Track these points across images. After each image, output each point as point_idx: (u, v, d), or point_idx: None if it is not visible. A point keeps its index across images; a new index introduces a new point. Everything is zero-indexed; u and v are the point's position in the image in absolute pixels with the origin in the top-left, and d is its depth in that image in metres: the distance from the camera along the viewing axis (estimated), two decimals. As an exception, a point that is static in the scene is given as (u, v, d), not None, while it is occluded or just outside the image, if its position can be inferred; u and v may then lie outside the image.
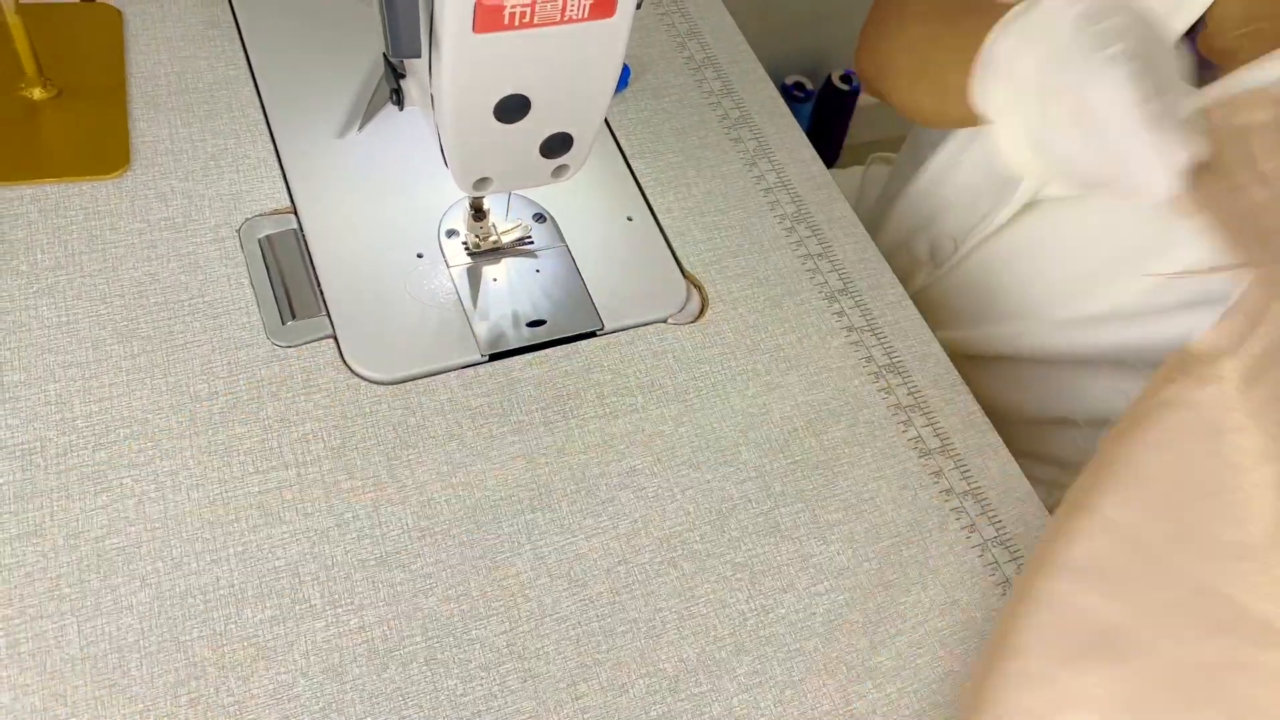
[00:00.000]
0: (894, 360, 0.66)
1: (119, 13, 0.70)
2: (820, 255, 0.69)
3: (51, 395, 0.54)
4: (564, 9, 0.46)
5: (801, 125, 1.94)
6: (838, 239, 0.71)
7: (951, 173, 0.77)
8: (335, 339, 0.59)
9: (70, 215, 0.60)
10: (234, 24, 0.72)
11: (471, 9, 0.44)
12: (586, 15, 0.47)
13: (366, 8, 0.74)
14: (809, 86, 1.88)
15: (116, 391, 0.55)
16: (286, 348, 0.58)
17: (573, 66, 0.50)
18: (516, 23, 0.46)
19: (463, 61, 0.47)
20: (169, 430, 0.54)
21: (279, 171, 0.65)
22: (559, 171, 0.57)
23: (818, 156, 0.75)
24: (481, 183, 0.56)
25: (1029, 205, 0.71)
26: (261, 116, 0.67)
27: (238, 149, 0.65)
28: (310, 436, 0.55)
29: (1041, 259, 0.73)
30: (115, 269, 0.59)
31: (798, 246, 0.70)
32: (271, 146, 0.66)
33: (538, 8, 0.46)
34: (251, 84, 0.69)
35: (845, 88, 1.85)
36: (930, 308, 0.75)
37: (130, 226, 0.61)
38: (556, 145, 0.54)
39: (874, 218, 0.88)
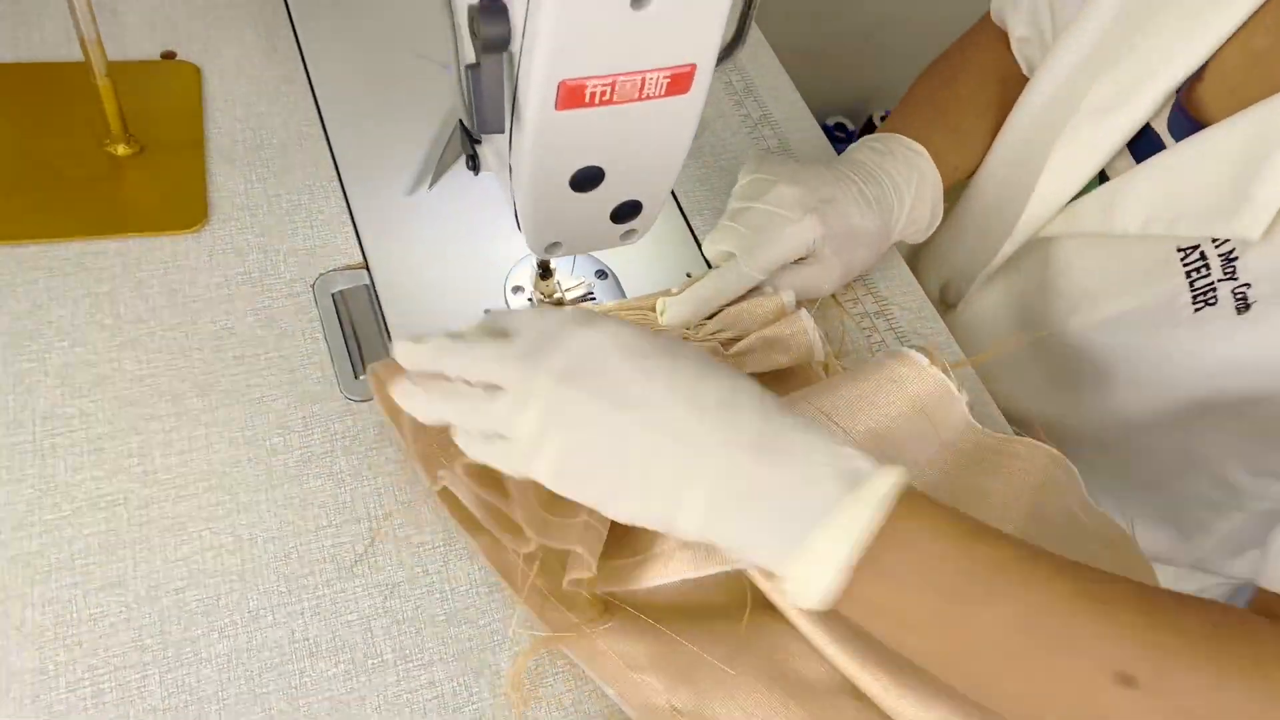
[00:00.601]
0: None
1: (198, 69, 0.73)
2: (878, 314, 0.70)
3: (134, 447, 0.56)
4: (642, 87, 0.48)
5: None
6: (895, 295, 0.71)
7: (966, 208, 0.79)
8: (405, 394, 0.60)
9: (152, 269, 0.63)
10: (307, 81, 0.74)
11: (555, 88, 0.46)
12: (664, 92, 0.49)
13: (439, 67, 0.76)
14: (850, 127, 1.89)
15: (196, 445, 0.57)
16: (359, 401, 0.60)
17: (647, 139, 0.51)
18: (597, 100, 0.47)
19: (544, 137, 0.48)
20: (246, 483, 0.56)
21: (351, 227, 0.67)
22: (627, 235, 0.58)
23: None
24: (552, 246, 0.57)
25: (1032, 242, 0.73)
26: (334, 173, 0.69)
27: (311, 204, 0.67)
28: (382, 490, 0.57)
29: (1049, 288, 0.74)
30: (194, 322, 0.61)
31: (854, 305, 0.70)
32: (344, 202, 0.68)
33: (618, 86, 0.47)
34: (324, 140, 0.71)
35: (887, 128, 1.86)
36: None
37: (209, 280, 0.63)
38: (626, 211, 0.56)
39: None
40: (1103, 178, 0.69)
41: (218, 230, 0.65)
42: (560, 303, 0.65)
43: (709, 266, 0.69)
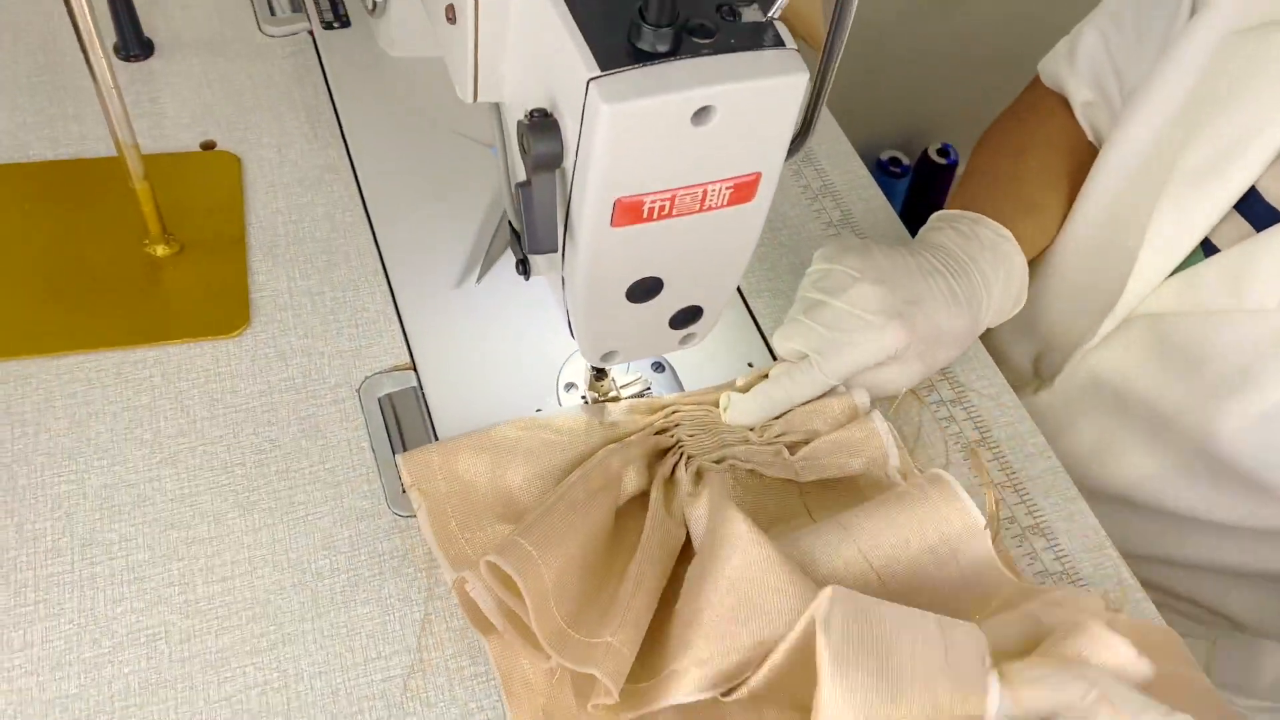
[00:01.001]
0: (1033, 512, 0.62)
1: (238, 159, 0.71)
2: (955, 401, 0.66)
3: (175, 575, 0.53)
4: (704, 199, 0.44)
5: (897, 201, 1.90)
6: (972, 380, 0.67)
7: (1050, 278, 0.74)
8: (456, 507, 0.57)
9: (192, 378, 0.60)
10: (350, 166, 0.72)
11: (611, 206, 0.43)
12: (727, 203, 0.45)
13: (483, 146, 0.73)
14: (905, 161, 1.84)
15: (238, 570, 0.54)
16: (408, 517, 0.57)
17: (709, 247, 0.48)
18: (655, 215, 0.44)
19: (599, 253, 0.45)
20: (291, 612, 0.53)
21: (398, 324, 0.64)
22: (686, 339, 0.55)
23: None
24: (609, 355, 0.54)
25: (1133, 318, 0.68)
26: (379, 265, 0.67)
27: (356, 300, 0.65)
28: (433, 617, 0.54)
29: (1166, 365, 0.69)
30: (236, 434, 0.58)
31: (928, 392, 0.66)
32: (390, 297, 0.65)
33: (677, 200, 0.44)
34: (369, 229, 0.68)
35: (942, 161, 1.81)
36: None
37: (250, 389, 0.60)
38: (686, 317, 0.52)
39: None
40: (1206, 243, 0.65)
41: (260, 333, 0.63)
42: (616, 399, 0.62)
43: (773, 357, 0.65)
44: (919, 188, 1.85)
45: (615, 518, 0.55)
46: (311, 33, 0.79)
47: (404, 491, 0.57)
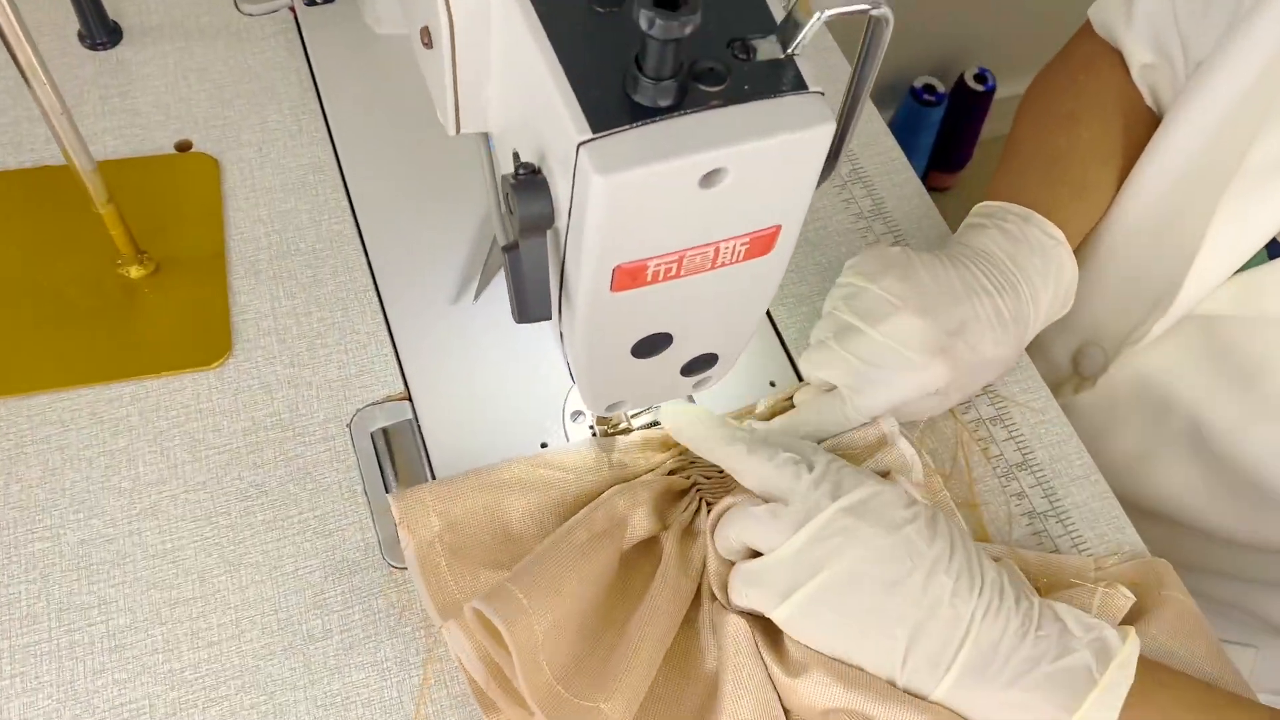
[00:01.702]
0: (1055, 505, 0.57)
1: (216, 161, 0.65)
2: (995, 420, 0.61)
3: (159, 641, 0.50)
4: (715, 258, 0.39)
5: (932, 131, 1.79)
6: (1015, 393, 0.62)
7: (1099, 267, 0.68)
8: (456, 556, 0.53)
9: (172, 416, 0.56)
10: (337, 166, 0.66)
11: (610, 274, 0.38)
12: (742, 259, 0.40)
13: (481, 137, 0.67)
14: (940, 89, 1.74)
15: (225, 634, 0.51)
16: (404, 569, 0.53)
17: (723, 300, 0.43)
18: (661, 277, 0.39)
19: (598, 316, 0.40)
20: (282, 680, 0.50)
21: (390, 347, 0.59)
22: (700, 384, 0.50)
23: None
24: (615, 405, 0.49)
25: (1189, 318, 0.63)
26: (369, 280, 0.62)
27: (345, 322, 0.60)
28: (432, 681, 0.50)
29: (1204, 383, 0.64)
30: (220, 480, 0.55)
31: (965, 410, 0.61)
32: (381, 316, 0.60)
33: (686, 261, 0.38)
34: (357, 238, 0.63)
35: (980, 88, 1.72)
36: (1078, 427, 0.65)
37: (234, 427, 0.56)
38: (699, 365, 0.47)
39: None
40: (1273, 244, 0.59)
41: (243, 362, 0.58)
42: (627, 431, 0.57)
43: (798, 376, 0.60)
44: (955, 116, 1.76)
45: (619, 564, 0.51)
46: (293, 9, 0.73)
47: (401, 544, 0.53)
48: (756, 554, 0.48)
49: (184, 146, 0.66)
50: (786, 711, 0.48)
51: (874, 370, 0.52)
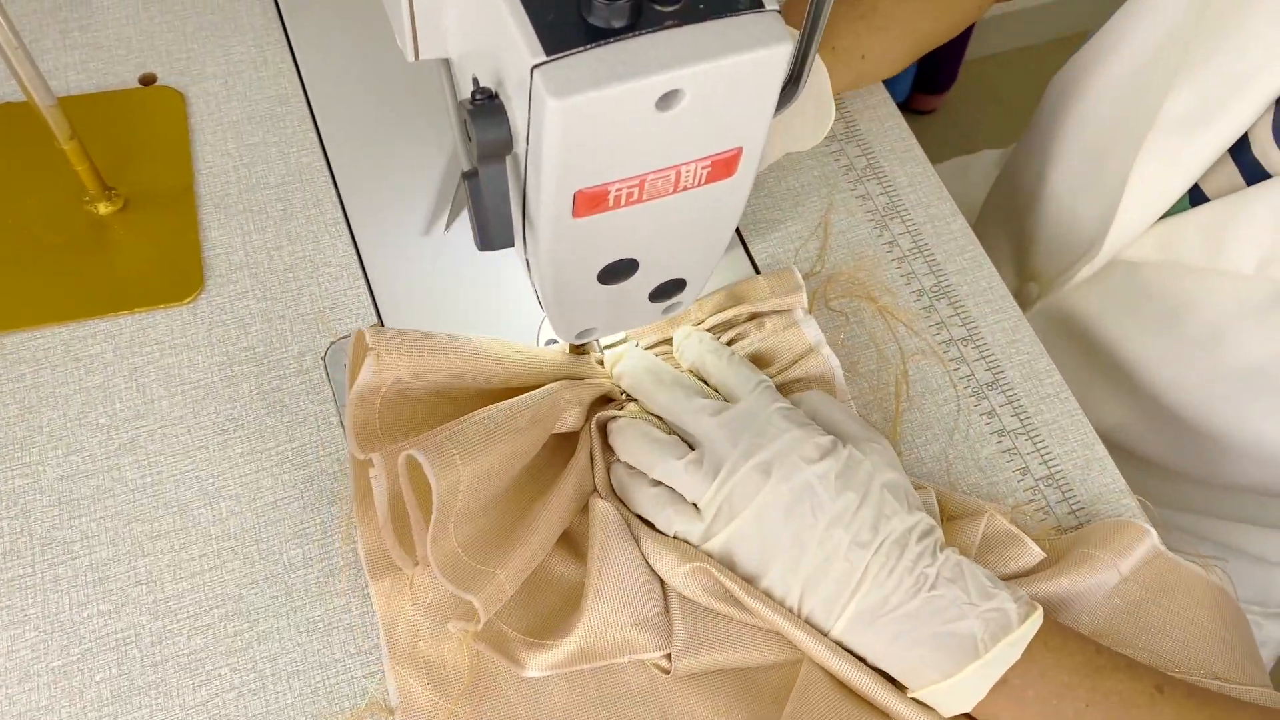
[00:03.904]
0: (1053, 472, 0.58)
1: (181, 95, 0.64)
2: (965, 340, 0.61)
3: (142, 573, 0.51)
4: (677, 181, 0.39)
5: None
6: (984, 316, 0.62)
7: (1040, 210, 0.69)
8: (433, 484, 0.54)
9: (146, 352, 0.56)
10: (304, 96, 0.65)
11: (571, 198, 0.38)
12: (704, 182, 0.40)
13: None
14: (920, 12, 1.72)
15: (207, 564, 0.51)
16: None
17: (687, 225, 0.43)
18: (623, 202, 0.39)
19: (562, 242, 0.40)
20: (264, 608, 0.51)
21: (363, 280, 0.59)
22: (670, 309, 0.50)
23: (958, 212, 0.66)
24: (585, 333, 0.49)
25: (1115, 262, 0.64)
26: (340, 212, 0.61)
27: (317, 255, 0.60)
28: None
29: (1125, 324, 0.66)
30: (196, 414, 0.55)
31: (938, 330, 0.61)
32: (353, 248, 0.60)
33: (647, 185, 0.38)
34: (327, 170, 0.63)
35: (962, 10, 1.69)
36: None
37: (209, 362, 0.56)
38: (668, 290, 0.48)
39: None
40: (1196, 190, 0.59)
41: (215, 297, 0.58)
42: (601, 363, 0.58)
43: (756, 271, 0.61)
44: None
45: (542, 450, 0.52)
46: (255, -65, 0.71)
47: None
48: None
49: (148, 80, 0.65)
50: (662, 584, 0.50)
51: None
